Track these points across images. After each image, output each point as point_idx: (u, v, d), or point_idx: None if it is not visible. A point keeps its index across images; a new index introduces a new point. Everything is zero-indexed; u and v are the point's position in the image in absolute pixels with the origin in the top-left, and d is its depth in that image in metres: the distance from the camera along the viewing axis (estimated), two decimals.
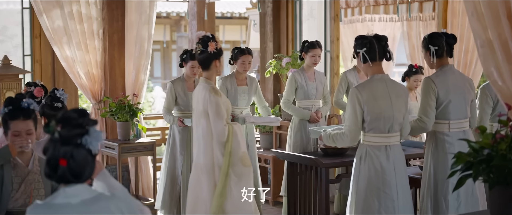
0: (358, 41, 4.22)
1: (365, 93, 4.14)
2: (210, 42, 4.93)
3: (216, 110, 4.82)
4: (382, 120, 4.14)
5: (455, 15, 7.50)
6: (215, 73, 5.04)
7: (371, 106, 4.12)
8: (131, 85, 7.17)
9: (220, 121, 4.81)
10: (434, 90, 4.46)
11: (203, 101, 4.88)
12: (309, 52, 6.42)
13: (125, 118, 6.73)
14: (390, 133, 4.19)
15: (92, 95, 7.18)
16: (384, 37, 4.20)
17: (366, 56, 4.15)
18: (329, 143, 4.41)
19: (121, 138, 6.79)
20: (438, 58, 4.54)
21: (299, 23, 8.23)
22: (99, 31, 7.21)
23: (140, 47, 7.08)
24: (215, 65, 4.96)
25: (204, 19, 9.35)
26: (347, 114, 4.22)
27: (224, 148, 4.84)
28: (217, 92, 4.87)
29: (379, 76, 4.19)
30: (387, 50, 4.19)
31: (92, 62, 7.14)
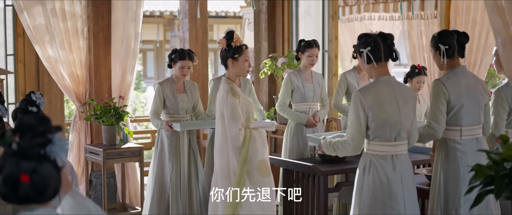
0: (361, 39, 3.84)
1: (369, 97, 3.76)
2: (233, 36, 4.59)
3: (232, 112, 4.47)
4: (388, 127, 3.77)
5: (459, 13, 7.18)
6: (234, 73, 4.63)
7: (376, 112, 3.75)
8: (118, 86, 6.79)
9: (234, 124, 4.46)
10: (445, 94, 4.09)
11: (220, 103, 4.56)
12: (306, 52, 6.07)
13: (111, 121, 6.35)
14: (397, 141, 3.81)
15: (76, 98, 6.78)
16: (389, 35, 3.82)
17: (370, 56, 3.78)
18: (329, 152, 4.02)
19: (106, 142, 6.40)
20: (449, 58, 4.18)
21: (295, 22, 7.86)
22: (84, 29, 6.81)
23: (127, 46, 6.69)
24: (231, 64, 4.59)
25: (197, 17, 9.00)
26: (350, 120, 3.84)
27: (239, 154, 4.47)
28: (235, 93, 4.51)
29: (384, 79, 3.82)
30: (393, 49, 3.82)
31: (76, 63, 6.74)
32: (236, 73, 4.62)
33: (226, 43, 4.56)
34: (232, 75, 4.64)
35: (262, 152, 4.60)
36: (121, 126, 6.42)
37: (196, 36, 9.20)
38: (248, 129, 4.55)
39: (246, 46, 4.62)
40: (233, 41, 4.55)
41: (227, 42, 4.56)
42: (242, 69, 4.62)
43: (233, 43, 4.55)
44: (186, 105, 6.01)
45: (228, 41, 4.56)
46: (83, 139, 6.81)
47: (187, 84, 6.09)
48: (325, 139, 4.09)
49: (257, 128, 4.64)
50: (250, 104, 4.64)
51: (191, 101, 6.05)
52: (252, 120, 4.67)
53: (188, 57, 5.90)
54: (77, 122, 6.80)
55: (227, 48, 4.56)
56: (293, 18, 7.89)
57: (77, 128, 6.81)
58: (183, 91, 6.03)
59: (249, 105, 4.62)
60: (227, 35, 4.57)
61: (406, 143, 3.87)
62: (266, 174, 4.60)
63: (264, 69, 7.18)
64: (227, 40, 4.56)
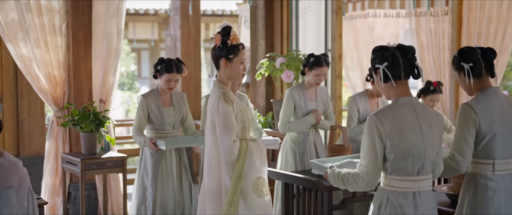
0: (376, 53, 3.21)
1: (387, 123, 3.13)
2: (230, 33, 3.89)
3: (224, 121, 3.81)
4: (410, 159, 3.14)
5: (472, 9, 6.61)
6: (227, 76, 3.95)
7: (396, 141, 3.12)
8: (99, 89, 6.14)
9: (227, 136, 3.81)
10: (474, 121, 3.47)
11: (211, 111, 3.90)
12: (314, 70, 5.44)
13: (90, 128, 5.71)
14: (420, 175, 3.18)
15: (53, 101, 6.13)
16: (410, 48, 3.20)
17: (388, 74, 3.15)
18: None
19: (85, 151, 5.77)
20: (476, 78, 3.55)
21: (295, 18, 7.24)
22: (62, 25, 6.16)
23: (108, 45, 6.05)
24: (224, 64, 3.93)
25: (189, 14, 8.43)
26: (363, 150, 3.20)
27: (233, 170, 3.83)
28: (227, 99, 3.85)
29: (405, 100, 3.19)
30: (415, 64, 3.20)
31: (53, 62, 6.10)
32: (229, 75, 3.97)
33: (221, 40, 3.89)
34: (224, 78, 3.99)
35: (260, 167, 3.96)
36: (102, 133, 5.78)
37: (189, 34, 8.63)
38: (244, 140, 3.91)
39: (243, 46, 3.95)
40: (229, 39, 3.88)
41: (222, 39, 3.90)
42: (236, 72, 3.97)
43: (229, 41, 3.88)
44: (173, 120, 5.40)
45: (223, 38, 3.89)
46: (61, 147, 6.17)
47: (175, 96, 5.48)
48: (333, 168, 3.46)
49: (255, 140, 3.99)
50: (246, 112, 3.99)
51: (179, 115, 5.45)
52: (249, 130, 4.02)
53: (176, 70, 5.30)
54: (54, 128, 6.16)
55: (221, 46, 3.90)
56: (292, 15, 7.26)
57: (54, 134, 6.16)
58: (170, 104, 5.42)
59: (245, 112, 3.98)
60: (223, 30, 3.89)
61: (430, 177, 3.24)
62: (264, 193, 3.97)
63: (261, 70, 6.55)
64: (222, 36, 3.89)
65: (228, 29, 3.88)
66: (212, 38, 3.92)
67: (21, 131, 7.19)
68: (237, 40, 3.91)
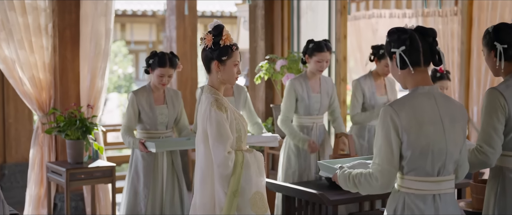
0: (392, 36, 2.83)
1: (404, 115, 2.74)
2: (222, 33, 3.49)
3: (217, 130, 3.41)
4: (429, 156, 2.75)
5: (483, 9, 6.26)
6: (219, 80, 3.53)
7: (414, 136, 2.73)
8: (87, 93, 5.75)
9: (220, 146, 3.41)
10: (504, 108, 3.12)
11: (202, 119, 3.49)
12: (315, 56, 5.05)
13: (76, 135, 5.31)
14: (441, 176, 2.79)
15: (38, 106, 5.74)
16: (431, 31, 2.82)
17: (405, 59, 2.77)
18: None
19: (71, 160, 5.37)
20: (508, 61, 3.18)
21: (296, 18, 6.85)
22: (48, 25, 5.76)
23: (96, 46, 5.65)
24: (216, 68, 3.52)
25: (185, 14, 8.06)
26: (377, 146, 2.81)
27: (228, 185, 3.44)
28: (220, 106, 3.44)
29: (425, 90, 2.81)
30: (436, 49, 2.81)
31: (38, 65, 5.70)
32: (222, 80, 3.57)
33: (212, 41, 3.49)
34: (216, 83, 3.59)
35: (258, 181, 3.56)
36: (89, 140, 5.38)
37: (185, 35, 8.25)
38: (239, 151, 3.51)
39: (237, 46, 3.54)
40: (221, 39, 3.48)
41: (213, 39, 3.49)
42: (230, 76, 3.57)
43: (221, 41, 3.48)
44: (166, 119, 5.01)
45: (214, 38, 3.49)
46: (46, 155, 5.76)
47: (168, 93, 5.10)
48: (343, 169, 3.05)
49: (251, 150, 3.59)
50: (241, 120, 3.59)
51: (172, 114, 5.07)
52: (244, 140, 3.61)
53: (169, 64, 4.91)
54: (39, 135, 5.76)
55: (212, 47, 3.50)
56: (294, 14, 6.87)
57: (39, 141, 5.76)
58: (163, 101, 5.04)
59: (241, 121, 3.58)
60: (214, 30, 3.49)
61: (452, 178, 2.85)
62: (262, 210, 3.57)
63: (260, 73, 6.16)
64: (213, 36, 3.49)
65: (219, 28, 3.48)
66: (202, 38, 3.53)
67: (7, 137, 6.82)
68: (230, 40, 3.51)
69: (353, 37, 9.38)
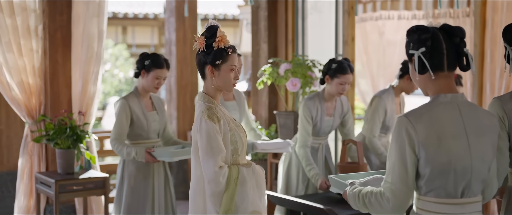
0: (412, 35, 2.49)
1: (422, 127, 2.40)
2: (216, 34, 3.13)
3: (208, 143, 3.06)
4: (451, 175, 2.40)
5: (497, 10, 5.93)
6: (214, 87, 3.21)
7: (433, 152, 2.39)
8: (78, 99, 5.41)
9: (210, 161, 3.05)
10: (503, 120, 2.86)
11: (193, 129, 3.16)
12: (337, 78, 4.68)
13: (66, 144, 4.97)
14: (466, 198, 2.45)
15: (28, 113, 5.40)
16: (458, 30, 2.48)
17: (425, 63, 2.43)
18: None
19: (61, 171, 5.04)
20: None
21: (301, 19, 6.50)
22: (38, 27, 5.43)
23: (88, 49, 5.32)
24: (210, 73, 3.18)
25: (185, 16, 7.71)
26: (390, 162, 2.46)
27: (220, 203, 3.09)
28: (213, 115, 3.08)
29: (447, 98, 2.46)
30: (464, 51, 2.46)
31: (27, 69, 5.36)
32: (217, 86, 3.22)
33: (205, 43, 3.16)
34: (210, 90, 3.24)
35: (256, 199, 3.20)
36: (81, 149, 5.05)
37: (184, 37, 7.90)
38: (234, 166, 3.16)
39: (234, 49, 3.20)
40: (215, 41, 3.14)
41: (206, 41, 3.15)
42: (226, 82, 3.22)
43: (215, 43, 3.14)
44: (158, 126, 4.73)
45: (207, 40, 3.14)
46: (36, 164, 5.43)
47: (155, 99, 4.82)
48: (353, 185, 2.71)
49: (250, 164, 3.25)
50: (239, 131, 3.24)
51: (163, 121, 4.81)
52: (243, 153, 3.25)
53: (166, 66, 4.64)
54: (28, 143, 5.43)
55: (205, 50, 3.15)
56: (298, 15, 6.53)
57: (28, 150, 5.43)
58: (152, 108, 4.78)
59: (238, 131, 3.23)
60: (207, 31, 3.15)
61: (479, 200, 2.50)
62: None
63: (263, 78, 5.81)
64: (206, 38, 3.15)
65: (213, 29, 3.14)
66: (195, 41, 3.19)
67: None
68: (225, 42, 3.16)
69: (359, 40, 9.05)
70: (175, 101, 7.80)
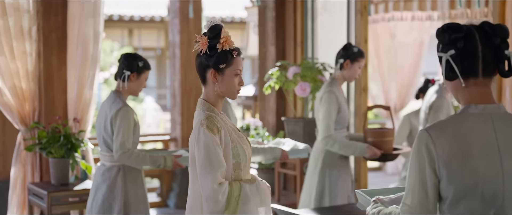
0: (442, 35, 2.16)
1: (444, 143, 2.08)
2: (220, 34, 2.80)
3: (206, 156, 2.72)
4: (478, 199, 2.07)
5: None
6: (216, 93, 2.86)
7: (456, 171, 2.06)
8: (74, 104, 5.10)
9: (209, 176, 2.71)
10: None
11: (191, 140, 2.83)
12: (357, 62, 4.57)
13: (60, 153, 4.66)
14: None
15: (20, 119, 5.09)
16: (499, 29, 2.13)
17: (454, 68, 2.10)
18: None
19: (55, 181, 4.74)
20: None
21: (311, 20, 6.18)
22: (31, 28, 5.12)
23: (83, 51, 5.01)
24: (213, 78, 2.84)
25: (189, 17, 7.42)
26: (410, 182, 2.13)
27: None
28: (212, 126, 2.74)
29: (478, 109, 2.13)
30: (505, 55, 2.12)
31: (20, 73, 5.05)
32: (221, 92, 2.88)
33: (208, 45, 2.82)
34: (211, 96, 2.90)
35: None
36: (76, 159, 4.73)
37: (189, 39, 7.60)
38: (236, 182, 2.82)
39: (239, 51, 2.86)
40: (218, 42, 2.81)
41: (209, 42, 2.81)
42: (229, 88, 2.87)
43: (219, 45, 2.81)
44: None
45: (211, 41, 2.81)
46: (29, 174, 5.11)
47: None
48: (376, 204, 2.38)
49: (254, 180, 2.90)
50: (242, 143, 2.90)
51: None
52: (246, 167, 2.90)
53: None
54: (21, 152, 5.11)
55: (208, 52, 2.82)
56: (307, 16, 6.20)
57: (21, 159, 5.11)
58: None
59: (241, 143, 2.89)
60: (210, 31, 2.80)
61: None
62: None
63: (271, 82, 5.49)
64: (209, 39, 2.81)
65: (217, 29, 2.80)
66: (197, 41, 2.85)
67: None
68: (230, 44, 2.82)
69: (371, 43, 8.70)
70: (179, 106, 7.50)
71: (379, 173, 9.54)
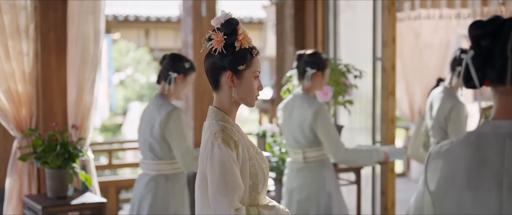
0: (470, 32, 1.72)
1: (435, 165, 1.74)
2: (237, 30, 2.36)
3: (221, 176, 2.28)
4: None
5: None
6: (233, 100, 2.44)
7: (439, 202, 1.73)
8: (74, 110, 4.67)
9: (224, 201, 2.27)
10: None
11: (201, 155, 2.40)
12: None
13: (57, 163, 4.24)
14: None
15: (16, 126, 4.68)
16: None
17: (471, 71, 1.71)
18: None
19: (52, 194, 4.34)
20: None
21: (333, 17, 5.75)
22: (29, 26, 4.70)
23: (83, 51, 4.58)
24: (230, 81, 2.41)
25: (202, 16, 7.01)
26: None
27: None
28: (228, 139, 2.34)
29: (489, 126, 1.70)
30: None
31: (16, 75, 4.64)
32: (238, 99, 2.44)
33: (224, 42, 2.36)
34: (226, 104, 2.45)
35: None
36: (75, 169, 4.31)
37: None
38: (253, 208, 2.37)
39: (257, 50, 2.44)
40: (237, 39, 2.36)
41: (225, 40, 2.36)
42: (249, 93, 2.44)
43: (237, 42, 2.36)
44: None
45: (227, 38, 2.36)
46: (26, 186, 4.70)
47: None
48: None
49: (272, 207, 2.44)
50: (260, 160, 2.46)
51: None
52: (264, 190, 2.46)
53: None
54: (17, 161, 4.70)
55: (223, 51, 2.37)
56: (329, 13, 5.77)
57: (17, 169, 4.70)
58: None
59: (259, 161, 2.45)
60: (224, 26, 2.36)
61: None
62: None
63: (289, 85, 5.04)
64: (225, 36, 2.37)
65: (233, 23, 2.37)
66: (207, 39, 2.41)
67: None
68: (248, 41, 2.38)
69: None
70: (192, 110, 7.07)
71: (403, 179, 9.19)
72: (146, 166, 4.02)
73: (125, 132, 13.87)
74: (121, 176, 9.53)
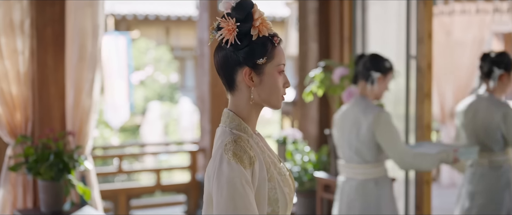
0: None
1: None
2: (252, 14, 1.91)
3: (229, 199, 1.82)
4: None
5: None
6: (253, 102, 1.97)
7: None
8: (72, 114, 4.23)
9: None
10: None
11: (207, 171, 1.94)
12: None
13: (50, 175, 3.80)
14: None
15: (10, 131, 4.24)
16: None
17: None
18: None
19: (45, 208, 3.92)
20: None
21: (361, 11, 5.27)
22: (24, 22, 4.28)
23: (80, 48, 4.15)
24: (246, 80, 1.95)
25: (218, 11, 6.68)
26: None
27: None
28: (242, 154, 1.88)
29: None
30: None
31: (10, 75, 4.22)
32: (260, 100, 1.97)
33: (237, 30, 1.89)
34: (244, 107, 1.98)
35: None
36: (71, 181, 3.86)
37: None
38: None
39: (280, 38, 1.97)
40: (253, 26, 1.89)
41: (239, 27, 1.89)
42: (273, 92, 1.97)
43: (253, 29, 1.89)
44: None
45: (241, 25, 1.89)
46: (20, 198, 4.26)
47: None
48: None
49: None
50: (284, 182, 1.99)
51: None
52: (290, 206, 1.99)
53: None
54: (11, 172, 4.26)
55: (237, 41, 1.90)
56: (357, 6, 5.30)
57: (11, 180, 4.26)
58: None
59: (283, 183, 1.98)
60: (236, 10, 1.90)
61: None
62: None
63: (313, 87, 4.56)
64: (238, 22, 1.89)
65: (247, 6, 1.90)
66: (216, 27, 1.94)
67: None
68: (268, 28, 1.92)
69: None
70: (208, 112, 6.65)
71: (433, 184, 8.75)
72: (351, 170, 3.94)
73: (144, 133, 13.52)
74: (133, 183, 9.10)
